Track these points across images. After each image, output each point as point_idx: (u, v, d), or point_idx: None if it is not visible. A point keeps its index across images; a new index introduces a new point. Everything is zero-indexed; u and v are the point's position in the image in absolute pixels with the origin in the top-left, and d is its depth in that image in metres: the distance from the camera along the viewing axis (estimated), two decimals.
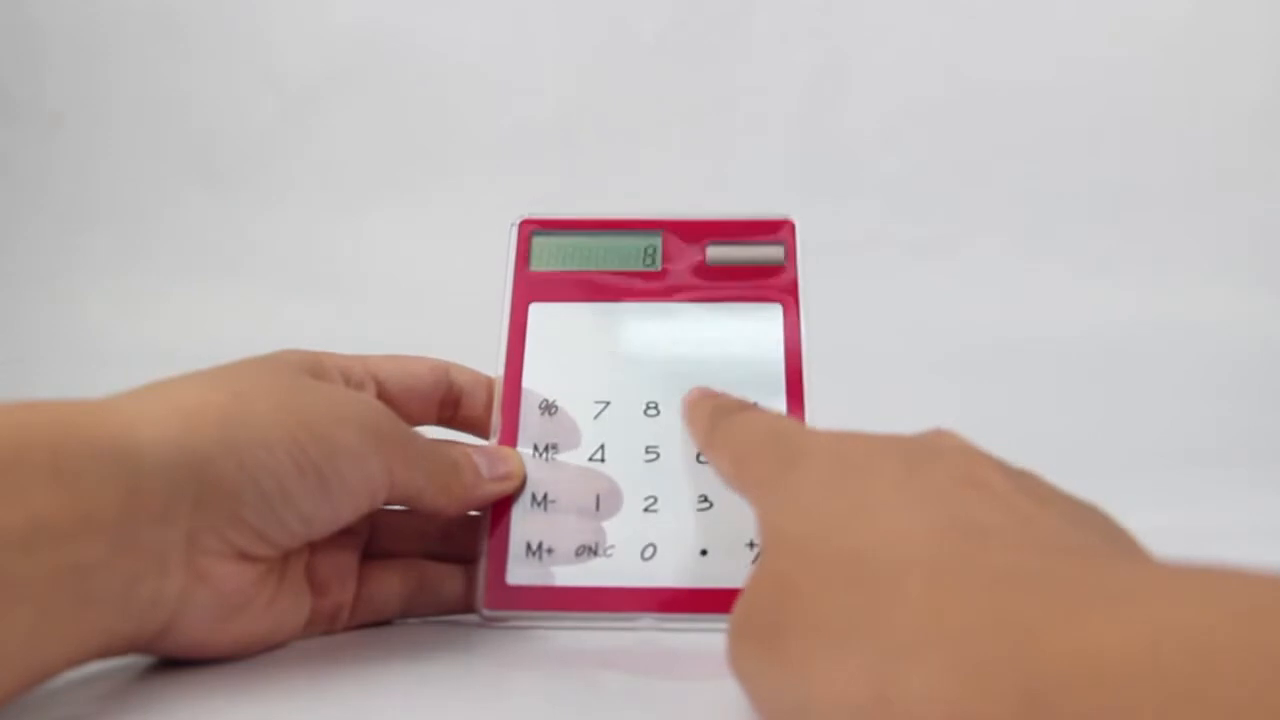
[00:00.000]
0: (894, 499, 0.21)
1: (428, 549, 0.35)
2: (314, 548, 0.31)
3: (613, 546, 0.34)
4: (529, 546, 0.34)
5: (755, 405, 0.33)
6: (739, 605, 0.23)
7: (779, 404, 0.36)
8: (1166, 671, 0.13)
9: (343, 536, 0.31)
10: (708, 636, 0.32)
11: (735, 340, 0.37)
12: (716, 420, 0.30)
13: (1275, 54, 1.05)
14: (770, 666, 0.21)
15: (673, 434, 0.35)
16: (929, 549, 0.19)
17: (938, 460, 0.23)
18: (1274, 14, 1.05)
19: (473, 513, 0.35)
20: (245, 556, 0.27)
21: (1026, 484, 0.22)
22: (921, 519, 0.20)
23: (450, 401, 0.37)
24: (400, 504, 0.32)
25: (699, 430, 0.32)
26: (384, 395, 0.34)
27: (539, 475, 0.35)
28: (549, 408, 0.36)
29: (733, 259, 0.39)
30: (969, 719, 0.15)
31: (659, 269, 0.39)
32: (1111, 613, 0.15)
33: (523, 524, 0.34)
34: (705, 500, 0.34)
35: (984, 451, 0.23)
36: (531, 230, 0.40)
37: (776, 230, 0.39)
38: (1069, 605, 0.16)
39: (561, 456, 0.35)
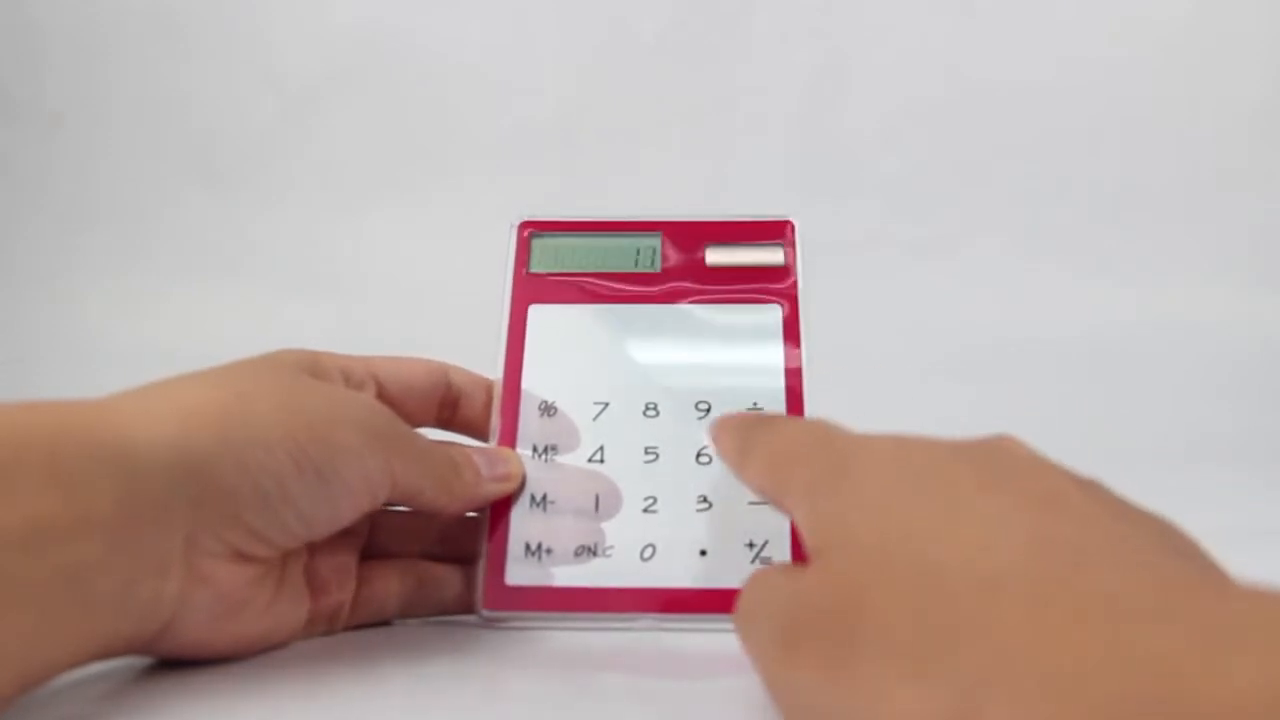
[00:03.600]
0: (973, 508, 0.20)
1: (427, 549, 0.35)
2: (313, 548, 0.31)
3: (612, 547, 0.34)
4: (528, 547, 0.34)
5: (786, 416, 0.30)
6: (783, 609, 0.21)
7: (779, 406, 0.36)
8: None
9: (342, 537, 0.31)
10: (707, 636, 0.32)
11: (735, 341, 0.37)
12: (749, 431, 0.28)
13: (1275, 54, 1.05)
14: (831, 685, 0.19)
15: (672, 435, 0.35)
16: (1021, 566, 0.18)
17: (1012, 470, 0.21)
18: (1274, 14, 1.05)
19: (471, 514, 0.35)
20: (244, 557, 0.27)
21: (1100, 496, 0.21)
22: (1008, 532, 0.19)
23: (449, 403, 0.37)
24: (401, 504, 0.32)
25: (729, 444, 0.28)
26: (383, 396, 0.34)
27: (538, 476, 0.35)
28: (548, 409, 0.36)
29: (732, 261, 0.39)
30: None
31: (658, 270, 0.39)
32: (1257, 655, 0.14)
33: (522, 525, 0.34)
34: (704, 500, 0.34)
35: (1052, 461, 0.22)
36: (531, 232, 0.40)
37: (776, 231, 0.39)
38: (1208, 645, 0.15)
39: (561, 458, 0.35)
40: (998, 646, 0.16)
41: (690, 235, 0.39)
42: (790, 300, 0.38)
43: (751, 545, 0.33)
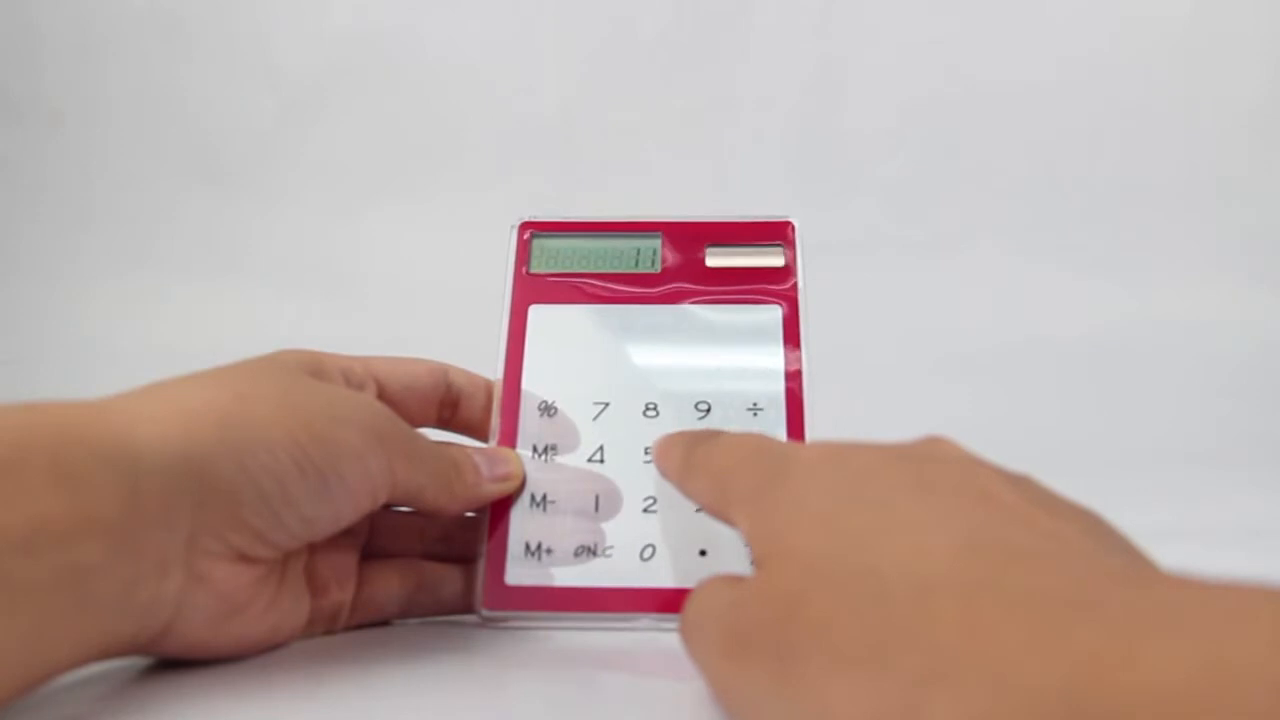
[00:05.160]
0: (908, 512, 0.21)
1: (427, 549, 0.35)
2: (313, 548, 0.31)
3: (611, 547, 0.34)
4: (528, 547, 0.34)
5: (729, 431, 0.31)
6: (727, 616, 0.22)
7: (779, 407, 0.36)
8: (1232, 704, 0.13)
9: (342, 537, 0.31)
10: None
11: (735, 342, 0.37)
12: (691, 448, 0.29)
13: (1275, 54, 1.05)
14: (778, 689, 0.20)
15: None
16: (955, 568, 0.18)
17: (944, 472, 0.22)
18: (1274, 14, 1.05)
19: (471, 514, 0.35)
20: (245, 558, 0.27)
21: (1030, 493, 0.22)
22: (941, 535, 0.20)
23: (449, 403, 0.37)
24: (401, 504, 0.32)
25: (672, 462, 0.30)
26: (383, 396, 0.35)
27: (538, 476, 0.35)
28: (548, 409, 0.36)
29: (732, 261, 0.39)
30: None
31: (658, 271, 0.39)
32: (1171, 643, 0.15)
33: (522, 525, 0.34)
34: None
35: (982, 459, 0.23)
36: (531, 232, 0.40)
37: (777, 232, 0.39)
38: (1126, 634, 0.15)
39: (561, 458, 0.35)
40: (937, 645, 0.17)
41: (690, 236, 0.39)
42: (790, 301, 0.38)
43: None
